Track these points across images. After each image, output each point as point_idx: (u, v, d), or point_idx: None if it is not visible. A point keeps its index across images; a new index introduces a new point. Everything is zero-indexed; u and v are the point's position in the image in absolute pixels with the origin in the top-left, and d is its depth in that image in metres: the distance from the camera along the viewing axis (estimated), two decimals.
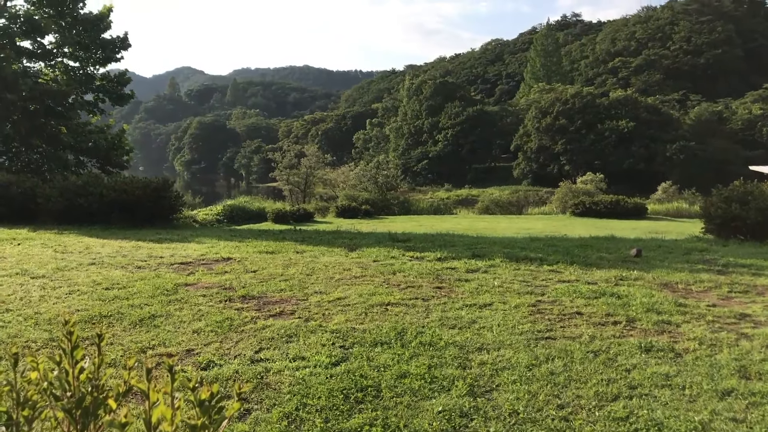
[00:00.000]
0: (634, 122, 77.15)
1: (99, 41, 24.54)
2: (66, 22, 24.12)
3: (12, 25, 23.25)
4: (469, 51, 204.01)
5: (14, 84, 21.34)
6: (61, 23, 24.00)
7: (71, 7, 24.25)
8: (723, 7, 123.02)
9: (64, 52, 24.38)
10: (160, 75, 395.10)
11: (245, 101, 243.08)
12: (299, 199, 49.04)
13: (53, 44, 24.23)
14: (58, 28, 23.99)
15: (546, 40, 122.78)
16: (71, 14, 24.21)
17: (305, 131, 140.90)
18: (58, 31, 24.12)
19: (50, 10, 23.90)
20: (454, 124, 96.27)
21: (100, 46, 24.63)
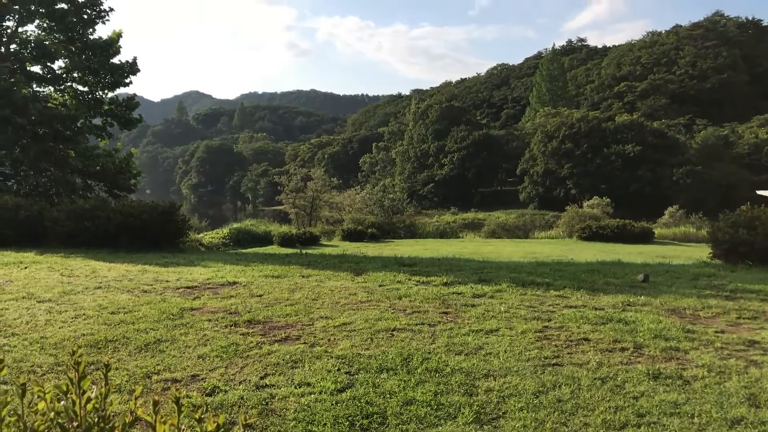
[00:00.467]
0: (640, 146, 77.21)
1: (108, 66, 24.80)
2: (76, 48, 24.41)
3: (23, 50, 23.56)
4: (475, 75, 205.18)
5: (24, 108, 21.56)
6: (71, 48, 24.30)
7: (81, 32, 24.56)
8: (728, 33, 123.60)
9: (73, 76, 24.65)
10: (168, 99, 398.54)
11: (252, 125, 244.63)
12: (305, 223, 49.07)
13: (63, 69, 24.51)
14: (68, 53, 24.28)
15: (551, 64, 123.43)
16: (81, 40, 24.51)
17: (312, 155, 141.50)
18: (68, 56, 24.40)
19: (61, 36, 24.22)
20: (460, 148, 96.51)
21: (109, 70, 24.88)
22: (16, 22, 23.64)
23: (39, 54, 23.37)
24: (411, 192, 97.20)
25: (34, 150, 22.37)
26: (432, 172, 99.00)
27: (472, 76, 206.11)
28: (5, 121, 21.38)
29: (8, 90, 21.32)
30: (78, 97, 24.88)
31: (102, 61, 24.66)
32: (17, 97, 21.46)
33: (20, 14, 23.39)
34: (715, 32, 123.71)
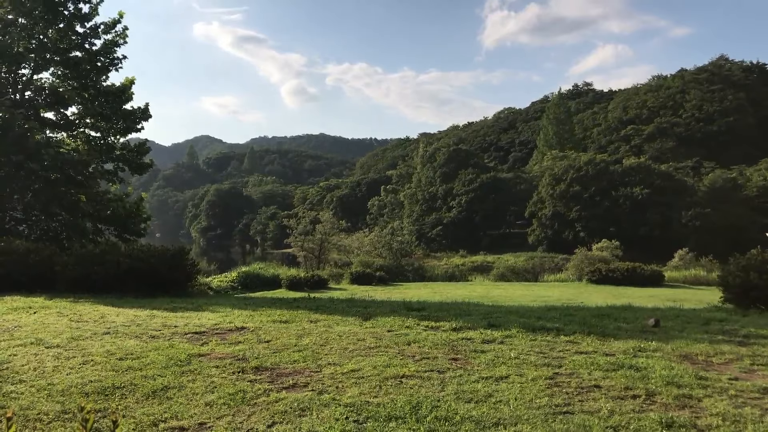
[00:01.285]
0: (648, 189, 77.27)
1: (120, 112, 25.18)
2: (89, 94, 24.83)
3: (38, 97, 23.99)
4: (482, 119, 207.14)
5: (37, 154, 21.85)
6: (85, 95, 24.72)
7: (95, 79, 25.02)
8: (733, 76, 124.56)
9: (86, 122, 25.01)
10: (179, 144, 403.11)
11: (262, 169, 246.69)
12: (314, 266, 49.03)
13: (76, 115, 24.89)
14: (81, 99, 24.69)
15: (558, 108, 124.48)
16: (94, 86, 24.95)
17: (320, 198, 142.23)
18: (82, 103, 24.80)
19: (74, 83, 24.67)
20: (468, 191, 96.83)
21: (122, 116, 25.25)
22: (31, 70, 24.12)
23: (53, 101, 23.78)
24: (419, 234, 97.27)
25: (46, 195, 22.59)
26: (440, 215, 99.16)
27: (479, 120, 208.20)
28: (18, 167, 21.66)
29: (22, 136, 21.64)
30: (90, 143, 25.20)
31: (114, 108, 25.04)
32: (31, 144, 21.77)
33: (36, 62, 23.88)
34: (720, 76, 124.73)
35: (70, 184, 23.22)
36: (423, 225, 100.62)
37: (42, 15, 23.51)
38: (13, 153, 21.48)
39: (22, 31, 23.37)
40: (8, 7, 23.02)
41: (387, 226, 68.56)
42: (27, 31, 23.50)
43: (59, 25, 24.16)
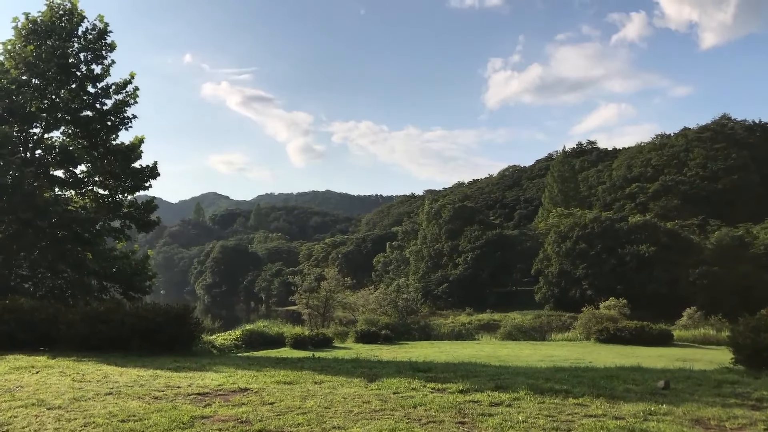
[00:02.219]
0: (654, 247, 77.07)
1: (129, 170, 25.42)
2: (99, 153, 25.12)
3: (48, 155, 24.30)
4: (487, 177, 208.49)
5: (45, 212, 22.00)
6: (94, 153, 25.00)
7: (104, 138, 25.36)
8: (736, 135, 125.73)
9: (94, 180, 25.23)
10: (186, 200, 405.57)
11: (268, 225, 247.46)
12: (318, 323, 48.67)
13: (85, 173, 25.14)
14: (90, 158, 24.96)
15: (562, 166, 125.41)
16: (104, 145, 25.26)
17: (326, 254, 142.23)
18: (91, 161, 25.06)
19: (84, 142, 25.00)
20: (473, 248, 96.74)
21: (130, 175, 25.48)
22: (43, 129, 24.50)
23: (63, 159, 24.07)
24: (425, 292, 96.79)
25: (53, 252, 22.66)
26: (446, 272, 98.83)
27: (484, 177, 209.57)
28: (26, 225, 21.80)
29: (32, 194, 21.85)
30: (98, 201, 25.37)
31: (123, 166, 25.29)
32: (39, 201, 21.95)
33: (47, 122, 24.27)
34: (723, 134, 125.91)
35: (77, 242, 23.31)
36: (429, 282, 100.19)
37: (55, 76, 24.02)
38: (22, 211, 21.63)
39: (35, 92, 23.85)
40: (23, 68, 23.56)
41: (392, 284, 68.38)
42: (40, 91, 23.98)
43: (71, 85, 24.66)
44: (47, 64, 23.66)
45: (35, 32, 23.97)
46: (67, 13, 24.62)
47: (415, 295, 78.87)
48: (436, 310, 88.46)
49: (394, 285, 60.54)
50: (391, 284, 69.19)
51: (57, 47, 24.12)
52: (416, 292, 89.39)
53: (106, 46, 25.36)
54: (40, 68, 23.64)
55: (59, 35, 24.27)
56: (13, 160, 22.20)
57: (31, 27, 23.98)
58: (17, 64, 23.47)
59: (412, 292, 75.42)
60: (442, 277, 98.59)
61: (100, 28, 25.17)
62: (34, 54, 23.51)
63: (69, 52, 24.45)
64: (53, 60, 23.76)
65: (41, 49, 23.77)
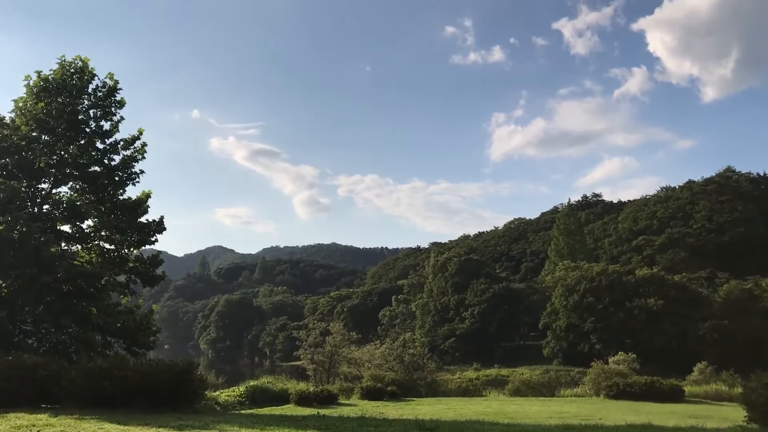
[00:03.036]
0: (662, 300, 76.39)
1: (135, 225, 25.52)
2: (106, 208, 25.29)
3: (55, 210, 24.45)
4: (493, 229, 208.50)
5: (51, 267, 22.03)
6: (101, 208, 25.16)
7: (112, 193, 25.56)
8: (741, 188, 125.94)
9: (101, 235, 25.31)
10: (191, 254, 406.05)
11: (273, 279, 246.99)
12: (323, 379, 47.99)
13: (91, 228, 25.24)
14: (97, 213, 25.10)
15: (568, 219, 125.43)
16: (111, 200, 25.45)
17: (331, 308, 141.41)
18: (98, 216, 25.19)
19: (92, 197, 25.20)
20: (480, 301, 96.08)
21: (137, 229, 25.57)
22: (51, 184, 24.72)
23: (70, 214, 24.18)
24: (432, 347, 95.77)
25: (57, 307, 22.57)
26: (453, 326, 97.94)
27: (490, 230, 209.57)
28: (32, 280, 21.78)
29: (38, 249, 21.92)
30: (104, 255, 25.39)
31: (130, 221, 25.40)
32: (46, 256, 22.01)
33: (56, 177, 24.51)
34: (728, 187, 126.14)
35: (82, 297, 23.25)
36: (435, 336, 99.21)
37: (65, 132, 24.37)
38: (28, 266, 21.68)
39: (45, 147, 24.16)
40: (33, 125, 23.94)
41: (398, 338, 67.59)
42: (49, 147, 24.29)
43: (81, 141, 24.99)
44: (57, 121, 24.06)
45: (46, 90, 24.45)
46: (78, 71, 25.14)
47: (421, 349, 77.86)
48: (443, 365, 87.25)
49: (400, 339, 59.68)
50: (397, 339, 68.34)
51: (67, 104, 24.56)
52: (423, 346, 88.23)
53: (115, 103, 25.82)
54: (50, 125, 24.03)
55: (70, 92, 24.75)
56: (20, 216, 22.34)
57: (42, 85, 24.46)
58: (28, 121, 23.86)
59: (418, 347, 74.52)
60: (449, 332, 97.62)
61: (110, 86, 25.67)
62: (44, 111, 23.94)
63: (79, 108, 24.89)
64: (63, 116, 24.18)
65: (52, 106, 24.22)
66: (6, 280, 22.59)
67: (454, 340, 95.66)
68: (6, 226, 22.08)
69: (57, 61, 24.92)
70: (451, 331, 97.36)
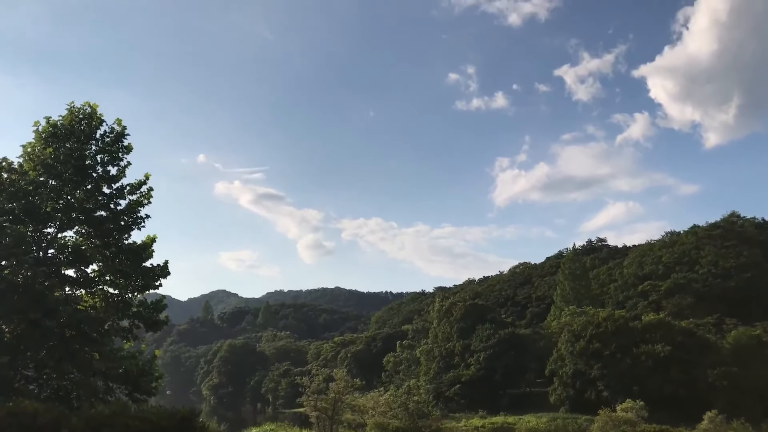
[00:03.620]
0: (670, 346, 75.44)
1: (140, 269, 25.57)
2: (111, 252, 25.36)
3: (60, 255, 24.53)
4: (498, 274, 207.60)
5: (55, 311, 22.00)
6: (106, 253, 25.23)
7: (117, 237, 25.68)
8: (746, 233, 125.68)
9: (105, 279, 25.33)
10: (195, 298, 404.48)
11: (276, 323, 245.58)
12: (326, 427, 47.30)
13: (96, 272, 25.26)
14: (102, 257, 25.17)
15: (573, 264, 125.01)
16: (116, 245, 25.54)
17: (335, 353, 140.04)
18: (103, 260, 25.26)
19: (97, 241, 25.30)
20: (486, 347, 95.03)
21: (141, 274, 25.60)
22: (56, 229, 24.84)
23: (75, 259, 24.25)
24: (437, 393, 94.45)
25: (60, 353, 22.46)
26: (458, 373, 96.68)
27: (495, 275, 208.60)
28: (35, 325, 21.72)
29: (42, 294, 21.93)
30: (107, 299, 25.35)
31: (134, 265, 25.45)
32: (50, 301, 22.00)
33: (62, 221, 24.66)
34: (733, 232, 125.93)
35: (85, 342, 23.16)
36: (440, 383, 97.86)
37: (71, 177, 24.60)
38: (31, 311, 21.64)
39: (52, 192, 24.37)
40: (41, 170, 24.18)
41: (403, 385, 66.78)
42: (56, 191, 24.49)
43: (87, 186, 25.21)
44: (64, 166, 24.31)
45: (55, 135, 24.77)
46: (86, 116, 25.49)
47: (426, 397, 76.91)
48: (448, 412, 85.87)
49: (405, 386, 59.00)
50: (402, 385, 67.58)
51: (75, 149, 24.86)
52: (427, 393, 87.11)
53: (122, 148, 26.11)
54: (58, 170, 24.27)
55: (78, 138, 25.06)
56: (26, 260, 22.41)
57: (51, 130, 24.79)
58: (36, 166, 24.11)
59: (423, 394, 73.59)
60: (454, 378, 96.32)
61: (118, 131, 26.00)
62: (52, 156, 24.22)
63: (86, 154, 25.19)
64: (71, 162, 24.44)
65: (59, 152, 24.50)
66: (9, 324, 22.52)
67: (459, 386, 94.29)
68: (11, 270, 22.15)
69: (66, 107, 25.30)
70: (456, 378, 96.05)
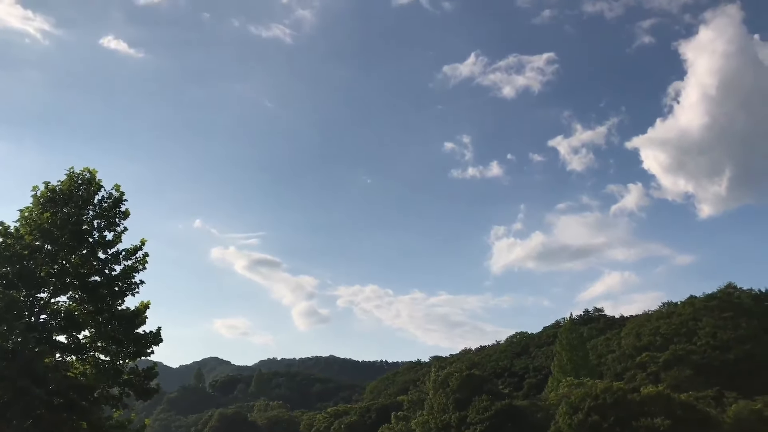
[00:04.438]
0: (669, 420, 73.96)
1: (132, 336, 25.32)
2: (103, 318, 25.17)
3: (52, 320, 24.31)
4: (494, 343, 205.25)
5: (44, 378, 21.65)
6: (99, 319, 25.05)
7: (110, 303, 25.52)
8: (743, 304, 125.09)
9: (97, 346, 25.05)
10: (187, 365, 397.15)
11: (269, 392, 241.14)
12: None
13: (88, 339, 25.01)
14: (95, 323, 24.98)
15: (570, 334, 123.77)
16: (109, 310, 25.37)
17: (328, 424, 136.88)
18: (95, 326, 25.06)
19: (90, 306, 25.13)
20: (482, 419, 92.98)
21: (133, 340, 25.34)
22: (50, 294, 24.70)
23: (67, 324, 24.03)
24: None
25: (47, 421, 21.96)
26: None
27: (492, 344, 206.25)
28: (23, 392, 21.32)
29: (32, 360, 21.60)
30: (98, 366, 24.99)
31: (127, 331, 25.22)
32: (39, 368, 21.66)
33: (55, 286, 24.54)
34: (730, 303, 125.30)
35: (74, 410, 22.69)
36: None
37: (67, 242, 24.64)
38: (20, 377, 21.27)
39: (47, 257, 24.35)
40: (37, 234, 24.20)
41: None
42: (51, 256, 24.47)
43: (83, 251, 25.24)
44: (61, 231, 24.37)
45: (53, 200, 24.92)
46: (85, 182, 25.72)
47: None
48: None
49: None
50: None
51: (72, 214, 24.96)
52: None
53: (120, 214, 26.24)
54: (54, 234, 24.31)
55: (76, 203, 25.21)
56: (17, 325, 22.19)
57: (49, 195, 24.97)
58: (32, 231, 24.15)
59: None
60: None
61: (116, 197, 26.19)
62: (49, 221, 24.27)
63: (84, 219, 25.30)
64: (67, 227, 24.51)
65: (57, 216, 24.59)
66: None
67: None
68: (1, 336, 21.89)
69: (66, 172, 25.53)
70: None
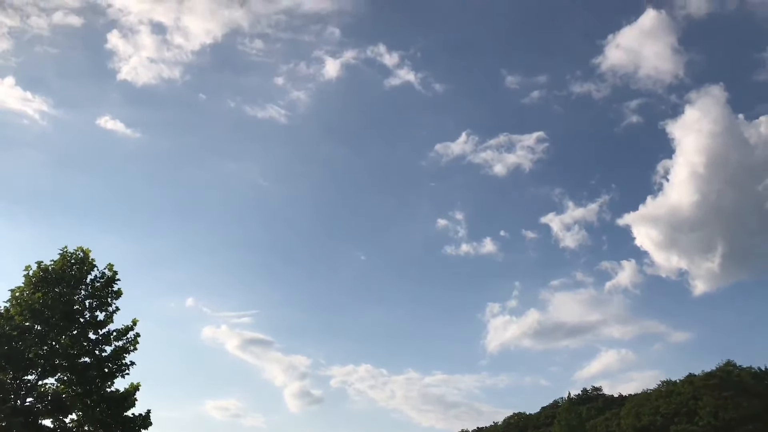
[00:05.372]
0: None
1: (121, 419, 24.55)
2: (92, 400, 24.42)
3: (39, 403, 23.61)
4: (492, 425, 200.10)
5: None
6: (87, 401, 24.30)
7: (99, 385, 24.81)
8: (744, 383, 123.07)
9: (84, 430, 24.25)
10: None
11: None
12: None
13: (75, 422, 24.21)
14: (83, 406, 24.23)
15: (569, 414, 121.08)
16: (98, 392, 24.64)
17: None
18: (83, 409, 24.28)
19: (79, 388, 24.40)
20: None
21: (121, 423, 24.55)
22: (38, 376, 24.00)
23: (54, 408, 23.33)
24: None
25: None
26: None
27: (489, 426, 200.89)
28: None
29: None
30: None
31: (115, 414, 24.43)
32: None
33: (44, 368, 23.90)
34: (730, 382, 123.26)
35: None
36: None
37: (58, 322, 24.13)
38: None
39: (36, 338, 23.75)
40: (27, 314, 23.66)
41: None
42: (41, 337, 23.90)
43: (73, 331, 24.71)
44: (52, 311, 23.93)
45: (45, 280, 24.59)
46: (78, 261, 25.51)
47: None
48: None
49: None
50: None
51: (64, 294, 24.62)
52: None
53: (112, 294, 25.93)
54: (45, 315, 23.85)
55: (68, 283, 24.90)
56: (2, 409, 21.57)
57: (42, 275, 24.64)
58: (23, 311, 23.69)
59: None
60: None
61: (109, 276, 25.95)
62: (40, 301, 23.84)
63: (75, 299, 24.94)
64: (59, 306, 24.10)
65: (48, 296, 24.16)
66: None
67: None
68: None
69: (59, 251, 25.32)
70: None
